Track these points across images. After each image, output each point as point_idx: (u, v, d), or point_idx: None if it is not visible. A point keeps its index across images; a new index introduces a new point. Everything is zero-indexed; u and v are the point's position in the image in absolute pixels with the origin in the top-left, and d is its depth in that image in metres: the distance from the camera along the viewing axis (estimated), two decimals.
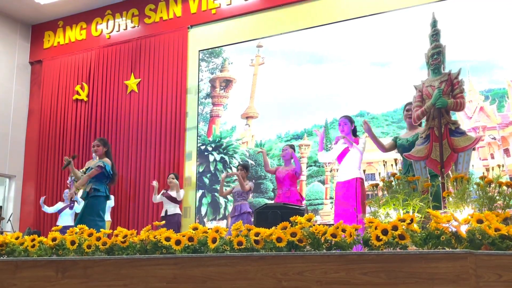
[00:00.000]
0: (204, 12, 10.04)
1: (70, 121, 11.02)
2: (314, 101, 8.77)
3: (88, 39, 11.34)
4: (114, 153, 10.38)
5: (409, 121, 5.16)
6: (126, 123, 10.37)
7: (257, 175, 8.95)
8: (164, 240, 2.98)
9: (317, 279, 2.45)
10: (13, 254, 3.47)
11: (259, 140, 9.20)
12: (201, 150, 9.65)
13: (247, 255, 2.69)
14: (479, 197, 3.22)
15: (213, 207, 9.32)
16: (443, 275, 2.25)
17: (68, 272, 3.07)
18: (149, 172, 9.88)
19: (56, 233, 3.43)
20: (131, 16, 10.89)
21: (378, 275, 2.35)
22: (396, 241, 2.50)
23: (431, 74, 4.23)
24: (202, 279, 2.70)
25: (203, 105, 9.84)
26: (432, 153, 4.04)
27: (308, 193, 8.56)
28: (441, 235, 2.52)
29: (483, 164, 7.35)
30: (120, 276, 2.92)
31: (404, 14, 8.22)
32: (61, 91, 11.30)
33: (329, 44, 8.84)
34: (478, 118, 7.57)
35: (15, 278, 3.23)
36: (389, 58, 8.31)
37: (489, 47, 7.59)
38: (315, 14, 9.01)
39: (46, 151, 11.15)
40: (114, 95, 10.65)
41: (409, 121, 5.19)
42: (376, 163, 7.86)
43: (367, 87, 8.35)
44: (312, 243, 2.72)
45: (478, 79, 7.64)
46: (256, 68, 9.47)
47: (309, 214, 2.96)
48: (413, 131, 5.11)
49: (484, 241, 2.54)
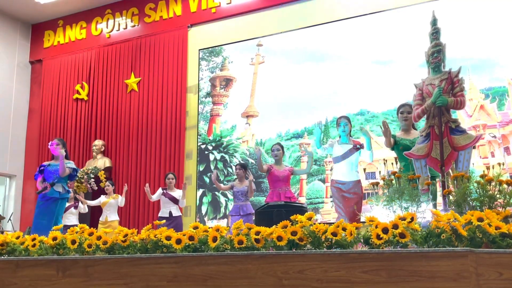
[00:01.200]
0: (204, 11, 10.03)
1: (71, 120, 11.02)
2: (314, 100, 8.77)
3: (88, 38, 11.33)
4: (115, 152, 10.40)
5: (405, 123, 5.17)
6: (127, 122, 10.37)
7: (257, 174, 8.95)
8: (164, 239, 2.98)
9: (317, 278, 2.45)
10: (14, 254, 3.48)
11: (259, 139, 9.20)
12: (202, 149, 9.65)
13: (247, 254, 2.69)
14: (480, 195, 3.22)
15: (214, 206, 9.32)
16: (444, 273, 2.25)
17: (69, 271, 3.07)
18: (149, 171, 9.88)
19: (56, 233, 3.43)
20: (131, 15, 10.89)
21: (379, 274, 2.35)
22: (397, 240, 2.50)
23: (431, 72, 4.23)
24: (203, 278, 2.70)
25: (203, 104, 9.84)
26: (433, 151, 4.05)
27: (309, 192, 8.56)
28: (441, 234, 2.52)
29: (484, 162, 7.35)
30: (121, 275, 2.92)
31: (404, 12, 8.22)
32: (61, 90, 11.30)
33: (329, 42, 8.83)
34: (479, 116, 7.57)
35: (15, 277, 3.23)
36: (390, 56, 8.30)
37: (489, 45, 7.58)
38: (315, 12, 9.00)
39: (47, 150, 11.13)
40: (114, 94, 10.64)
41: (405, 122, 5.18)
42: (376, 162, 7.86)
43: (367, 86, 8.35)
44: (313, 242, 2.73)
45: (478, 77, 7.63)
46: (256, 67, 9.47)
47: (310, 213, 2.96)
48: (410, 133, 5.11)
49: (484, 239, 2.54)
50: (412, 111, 5.15)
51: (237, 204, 7.29)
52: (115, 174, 10.21)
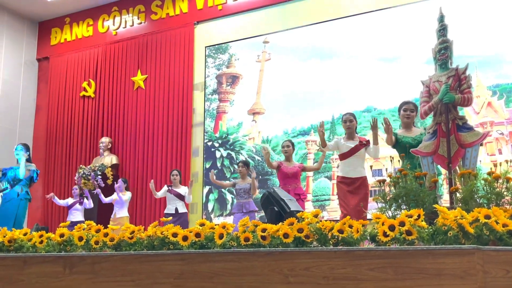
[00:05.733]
0: (210, 8, 10.03)
1: (78, 118, 11.06)
2: (320, 97, 8.76)
3: (95, 36, 11.36)
4: (122, 149, 10.42)
5: (408, 121, 5.14)
6: (133, 119, 10.40)
7: (263, 171, 8.95)
8: (171, 236, 2.99)
9: (324, 275, 2.45)
10: (21, 250, 3.49)
11: (265, 136, 9.20)
12: (208, 146, 9.66)
13: (254, 251, 2.69)
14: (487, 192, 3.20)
15: (220, 203, 9.33)
16: (451, 270, 2.24)
17: (76, 268, 3.08)
18: (156, 168, 9.91)
19: (64, 229, 3.45)
20: (138, 12, 10.91)
21: (385, 271, 2.35)
22: (403, 237, 2.50)
23: (438, 69, 4.21)
24: (209, 275, 2.71)
25: (210, 101, 9.85)
26: (440, 148, 4.03)
27: (315, 189, 8.55)
28: (448, 231, 2.51)
29: (491, 159, 7.32)
30: (128, 271, 2.93)
31: (411, 9, 8.18)
32: (68, 87, 11.34)
33: (335, 39, 8.81)
34: (486, 113, 7.53)
35: (23, 274, 3.25)
36: (396, 53, 8.28)
37: (496, 42, 7.54)
38: (321, 9, 8.97)
39: (54, 147, 11.20)
40: (121, 91, 10.67)
41: (407, 121, 5.16)
42: (383, 159, 7.84)
43: (374, 83, 8.33)
44: (319, 239, 2.72)
45: (485, 74, 7.59)
46: (263, 64, 9.46)
47: (316, 210, 2.96)
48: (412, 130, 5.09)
49: (491, 237, 2.53)
50: (415, 109, 5.14)
51: (240, 201, 7.30)
52: (122, 171, 10.25)
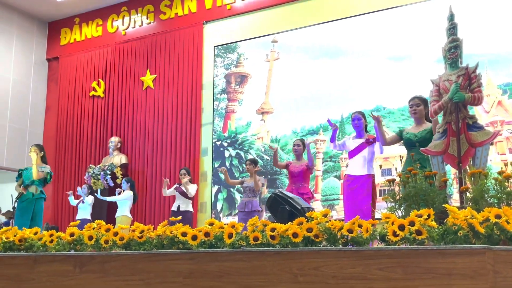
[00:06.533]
0: (219, 7, 10.04)
1: (87, 117, 11.12)
2: (329, 96, 8.74)
3: (104, 36, 11.41)
4: (131, 148, 10.46)
5: (415, 116, 5.09)
6: (142, 119, 10.43)
7: (272, 170, 8.95)
8: (180, 235, 2.99)
9: (333, 275, 2.45)
10: (32, 249, 3.51)
11: (274, 135, 9.19)
12: (217, 145, 9.67)
13: (263, 250, 2.69)
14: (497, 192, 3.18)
15: (229, 203, 9.34)
16: (461, 270, 2.23)
17: (86, 267, 3.10)
18: (165, 167, 9.93)
19: (74, 229, 3.46)
20: (147, 12, 10.94)
21: (395, 271, 2.34)
22: (413, 237, 2.49)
23: (448, 68, 4.18)
24: (218, 274, 2.71)
25: (219, 101, 9.86)
26: (450, 148, 4.01)
27: (324, 189, 8.54)
28: (458, 231, 2.50)
29: (501, 159, 7.27)
30: (137, 270, 2.94)
31: (421, 7, 8.14)
32: (78, 87, 11.40)
33: (344, 38, 8.78)
34: (496, 112, 7.48)
35: (33, 273, 3.26)
36: (406, 52, 8.24)
37: (507, 40, 7.48)
38: (330, 8, 8.95)
39: (64, 147, 11.26)
40: (130, 91, 10.71)
41: (415, 116, 5.11)
42: (392, 158, 7.81)
43: (383, 82, 8.29)
44: (328, 239, 2.72)
45: (496, 72, 7.54)
46: (271, 63, 9.45)
47: (325, 210, 2.95)
48: (421, 126, 5.03)
49: (502, 237, 2.51)
50: (421, 103, 5.09)
51: (244, 200, 7.31)
52: (131, 171, 10.28)
